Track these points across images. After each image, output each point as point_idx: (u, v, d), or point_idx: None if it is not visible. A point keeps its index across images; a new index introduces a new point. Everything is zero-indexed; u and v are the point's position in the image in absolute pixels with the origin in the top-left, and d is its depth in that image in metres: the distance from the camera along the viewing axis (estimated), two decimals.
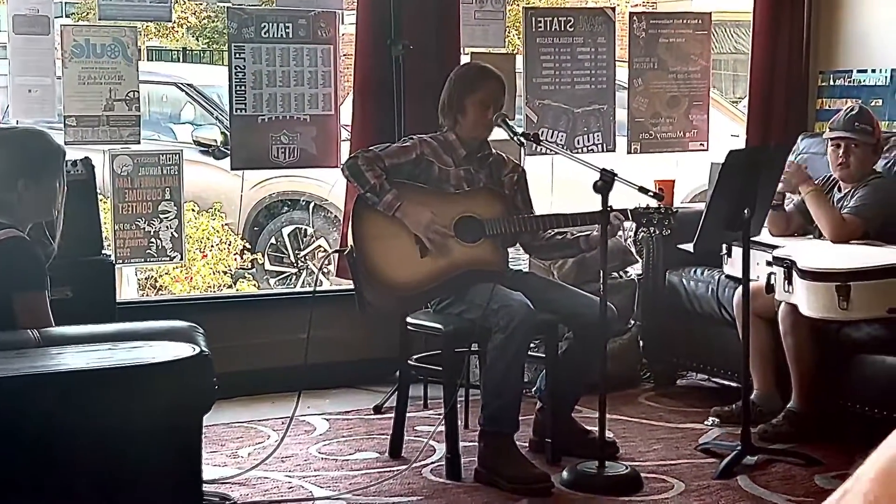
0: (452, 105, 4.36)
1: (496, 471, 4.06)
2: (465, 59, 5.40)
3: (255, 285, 7.43)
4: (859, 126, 4.79)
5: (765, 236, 4.74)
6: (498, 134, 4.45)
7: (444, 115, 4.41)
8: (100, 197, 4.66)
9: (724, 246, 4.75)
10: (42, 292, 3.22)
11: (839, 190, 4.89)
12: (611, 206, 4.08)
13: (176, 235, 5.10)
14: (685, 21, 6.00)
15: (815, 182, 4.80)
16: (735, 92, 12.56)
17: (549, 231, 4.40)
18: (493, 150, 4.49)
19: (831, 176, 4.92)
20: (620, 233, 4.94)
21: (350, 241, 4.30)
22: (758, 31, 6.02)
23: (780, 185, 4.64)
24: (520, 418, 4.16)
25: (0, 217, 3.25)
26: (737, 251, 4.50)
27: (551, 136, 5.66)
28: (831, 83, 6.05)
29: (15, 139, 3.45)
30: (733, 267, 4.67)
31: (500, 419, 4.10)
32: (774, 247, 4.57)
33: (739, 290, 4.50)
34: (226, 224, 7.54)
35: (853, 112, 4.84)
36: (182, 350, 2.69)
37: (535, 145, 4.58)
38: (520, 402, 4.14)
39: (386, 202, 4.21)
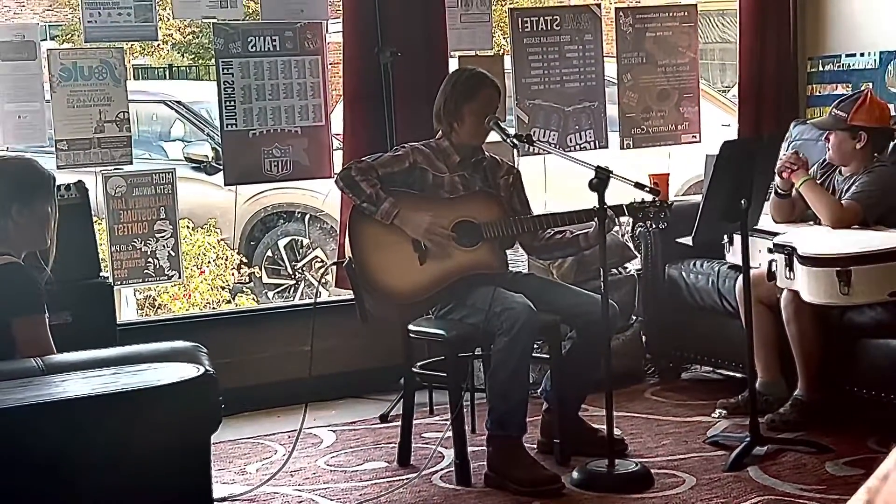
0: (449, 112, 4.34)
1: (506, 474, 4.05)
2: (452, 63, 5.39)
3: (253, 299, 7.42)
4: (834, 112, 4.75)
5: (767, 223, 4.72)
6: (490, 136, 4.43)
7: (440, 122, 4.39)
8: (95, 219, 4.64)
9: (725, 235, 4.74)
10: (41, 315, 3.20)
11: (840, 173, 4.86)
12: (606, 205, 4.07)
13: (173, 254, 5.09)
14: (671, 14, 6.00)
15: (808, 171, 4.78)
16: (723, 81, 12.55)
17: (549, 231, 4.39)
18: (487, 154, 4.48)
19: (826, 160, 4.90)
20: (616, 228, 4.93)
21: (348, 253, 4.29)
22: (745, 20, 6.02)
23: (776, 178, 4.63)
24: (527, 420, 4.15)
25: None
26: (739, 239, 4.48)
27: (543, 136, 5.65)
28: (821, 69, 6.05)
29: (4, 167, 3.44)
30: (736, 255, 4.65)
31: (507, 422, 4.08)
32: (775, 234, 4.56)
33: (741, 278, 4.49)
34: (221, 239, 7.54)
35: (842, 98, 4.78)
36: (187, 371, 2.67)
37: (528, 146, 4.56)
38: (526, 404, 4.13)
39: (384, 210, 4.20)
